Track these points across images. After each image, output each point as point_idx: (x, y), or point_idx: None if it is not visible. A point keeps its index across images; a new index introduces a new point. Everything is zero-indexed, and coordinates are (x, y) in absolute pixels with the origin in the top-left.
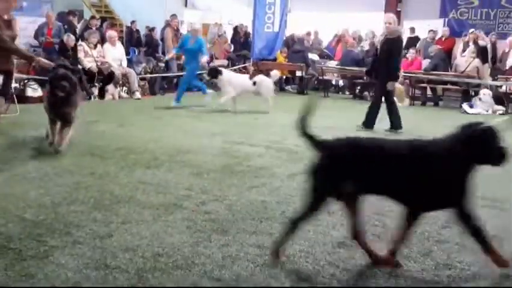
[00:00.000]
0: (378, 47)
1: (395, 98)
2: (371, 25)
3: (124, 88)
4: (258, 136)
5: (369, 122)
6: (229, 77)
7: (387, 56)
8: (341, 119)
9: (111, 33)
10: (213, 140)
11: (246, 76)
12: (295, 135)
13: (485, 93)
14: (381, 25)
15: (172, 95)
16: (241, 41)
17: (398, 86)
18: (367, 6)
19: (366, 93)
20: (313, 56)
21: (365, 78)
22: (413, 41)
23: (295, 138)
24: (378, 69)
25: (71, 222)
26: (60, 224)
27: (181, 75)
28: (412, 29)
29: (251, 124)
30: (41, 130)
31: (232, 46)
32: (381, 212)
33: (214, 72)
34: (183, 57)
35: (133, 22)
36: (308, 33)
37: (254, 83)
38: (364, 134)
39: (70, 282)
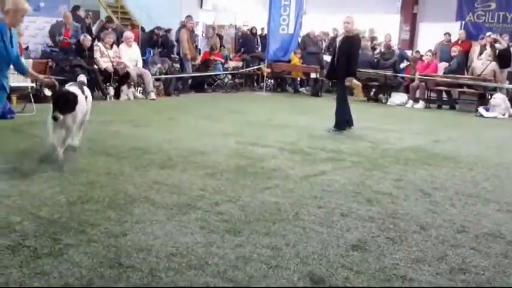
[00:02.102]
0: (337, 47)
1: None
2: (386, 27)
3: (139, 88)
4: (271, 137)
5: (342, 122)
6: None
7: (346, 54)
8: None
9: (127, 34)
10: (226, 140)
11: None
12: (309, 137)
13: (497, 97)
14: (397, 27)
15: (186, 96)
16: (244, 40)
17: (355, 82)
18: (383, 8)
19: (380, 95)
20: (328, 58)
21: (326, 80)
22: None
23: (309, 139)
24: (337, 68)
25: (86, 220)
26: (75, 222)
27: (197, 76)
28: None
29: (265, 125)
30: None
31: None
32: (395, 215)
33: (72, 103)
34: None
35: (159, 28)
36: (325, 33)
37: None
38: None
39: (84, 280)
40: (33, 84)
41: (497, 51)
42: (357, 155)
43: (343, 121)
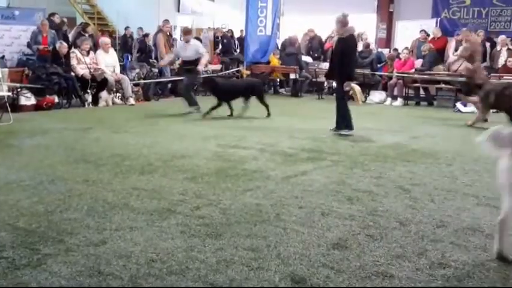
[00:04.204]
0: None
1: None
2: (363, 26)
3: (118, 94)
4: (252, 139)
5: (341, 124)
6: None
7: (340, 56)
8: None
9: (104, 39)
10: (207, 144)
11: None
12: (289, 137)
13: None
14: (373, 26)
15: (166, 100)
16: (228, 41)
17: (353, 85)
18: (359, 7)
19: None
20: (306, 59)
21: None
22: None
23: (290, 140)
24: (333, 70)
25: (65, 229)
26: (54, 231)
27: (175, 81)
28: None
29: (245, 127)
30: (36, 138)
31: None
32: (375, 212)
33: None
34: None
35: (127, 28)
36: (306, 34)
37: None
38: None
39: None
40: (10, 93)
41: None
42: (338, 153)
43: (344, 120)
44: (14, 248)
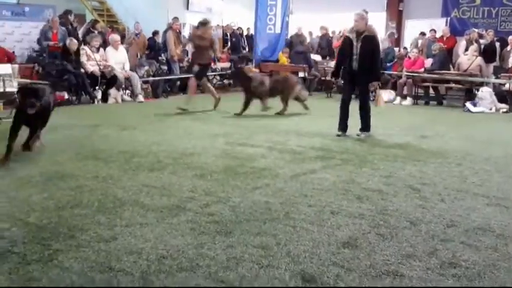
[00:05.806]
0: (357, 46)
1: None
2: (373, 25)
3: (127, 91)
4: (260, 137)
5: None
6: None
7: (371, 54)
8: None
9: (114, 36)
10: (215, 141)
11: None
12: (298, 136)
13: (484, 91)
14: (383, 25)
15: (175, 97)
16: (236, 39)
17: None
18: (369, 6)
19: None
20: (315, 57)
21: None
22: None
23: (298, 138)
24: (360, 71)
25: (75, 225)
26: (64, 227)
27: (184, 78)
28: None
29: (253, 125)
30: (45, 134)
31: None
32: (385, 211)
33: None
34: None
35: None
36: (310, 33)
37: None
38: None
39: (75, 285)
40: None
41: (482, 46)
42: (346, 152)
43: (368, 121)
44: (25, 243)
